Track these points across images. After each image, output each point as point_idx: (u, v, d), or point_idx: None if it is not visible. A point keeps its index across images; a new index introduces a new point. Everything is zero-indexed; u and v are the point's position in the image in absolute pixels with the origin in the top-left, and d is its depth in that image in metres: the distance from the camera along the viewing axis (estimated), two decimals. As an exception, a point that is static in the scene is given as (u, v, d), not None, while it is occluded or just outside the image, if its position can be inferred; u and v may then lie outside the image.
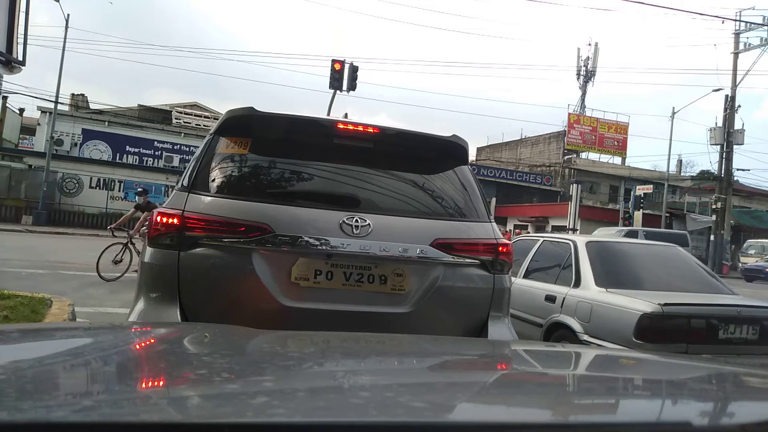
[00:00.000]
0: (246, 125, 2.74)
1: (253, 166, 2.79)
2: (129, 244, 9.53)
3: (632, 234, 19.89)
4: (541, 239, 5.61)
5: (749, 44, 23.74)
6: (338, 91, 17.36)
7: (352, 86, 17.20)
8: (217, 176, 2.67)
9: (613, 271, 4.51)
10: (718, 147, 24.67)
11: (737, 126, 24.65)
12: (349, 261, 2.55)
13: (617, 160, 38.17)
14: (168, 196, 2.90)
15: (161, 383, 1.02)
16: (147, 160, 29.05)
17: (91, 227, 24.71)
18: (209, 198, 2.56)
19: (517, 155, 40.95)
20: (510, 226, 32.97)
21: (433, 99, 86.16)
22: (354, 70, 17.23)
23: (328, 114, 8.41)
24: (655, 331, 3.68)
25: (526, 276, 5.19)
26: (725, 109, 24.44)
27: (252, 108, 2.70)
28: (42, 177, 24.38)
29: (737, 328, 3.84)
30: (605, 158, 38.23)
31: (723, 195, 24.54)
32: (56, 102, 24.71)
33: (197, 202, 2.54)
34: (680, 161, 38.78)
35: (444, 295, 2.66)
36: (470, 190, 2.90)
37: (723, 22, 22.61)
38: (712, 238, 27.70)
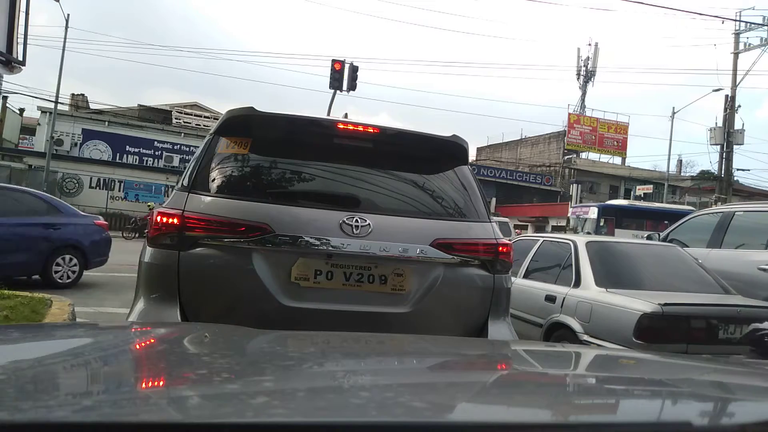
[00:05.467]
0: (246, 125, 2.74)
1: (253, 166, 2.79)
2: None
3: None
4: (541, 239, 5.61)
5: (749, 44, 23.70)
6: (338, 91, 17.36)
7: (352, 86, 17.21)
8: (217, 176, 2.68)
9: (613, 271, 4.51)
10: (718, 147, 24.64)
11: (737, 126, 24.61)
12: (349, 261, 2.55)
13: (617, 160, 38.20)
14: (168, 196, 2.90)
15: (161, 383, 1.02)
16: (147, 160, 29.05)
17: (91, 227, 24.67)
18: (209, 198, 2.56)
19: (517, 155, 40.94)
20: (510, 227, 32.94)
21: (433, 99, 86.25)
22: (354, 70, 17.23)
23: (328, 114, 8.41)
24: (655, 331, 3.68)
25: (526, 276, 5.19)
26: (725, 109, 24.41)
27: (252, 108, 2.70)
28: (42, 177, 24.37)
29: (737, 328, 3.83)
30: (605, 158, 38.25)
31: (723, 195, 24.51)
32: (56, 102, 24.73)
33: (197, 202, 2.54)
34: (680, 161, 38.80)
35: (444, 295, 2.66)
36: (470, 190, 2.90)
37: (723, 22, 22.58)
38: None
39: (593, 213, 22.72)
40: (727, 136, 24.31)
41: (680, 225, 7.05)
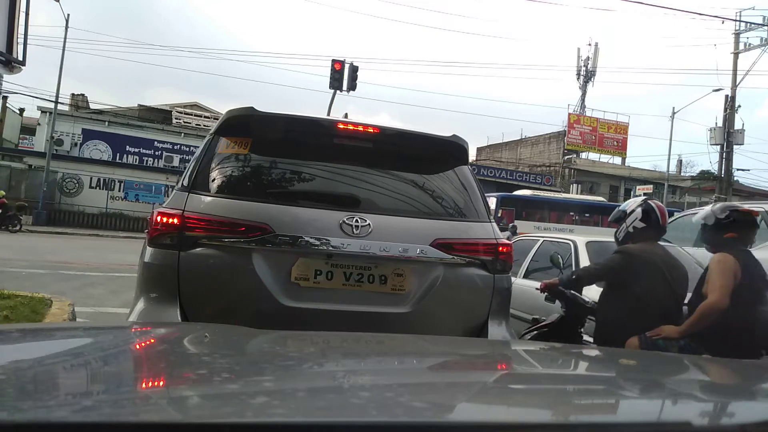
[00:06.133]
0: (246, 125, 2.75)
1: (253, 166, 2.79)
2: None
3: None
4: (541, 239, 5.61)
5: (749, 44, 23.70)
6: (338, 91, 17.37)
7: (352, 86, 17.22)
8: (217, 176, 2.68)
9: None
10: (718, 147, 24.64)
11: (737, 126, 24.60)
12: (349, 261, 2.55)
13: (617, 160, 38.19)
14: (168, 196, 2.91)
15: (161, 383, 1.02)
16: (147, 160, 29.03)
17: (91, 227, 24.73)
18: (209, 198, 2.57)
19: (517, 155, 40.92)
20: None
21: (434, 99, 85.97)
22: (354, 70, 17.24)
23: (328, 114, 8.41)
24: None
25: (526, 276, 5.19)
26: (725, 109, 24.40)
27: (252, 108, 2.70)
28: (42, 177, 24.38)
29: (737, 328, 3.82)
30: (605, 158, 38.25)
31: (723, 195, 24.49)
32: (56, 102, 24.72)
33: (197, 202, 2.54)
34: (680, 161, 38.82)
35: (444, 295, 2.66)
36: (470, 190, 2.90)
37: (723, 22, 22.58)
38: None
39: (491, 203, 21.70)
40: (727, 136, 24.32)
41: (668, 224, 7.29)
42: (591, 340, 4.04)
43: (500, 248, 2.79)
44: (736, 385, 1.37)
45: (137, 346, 1.37)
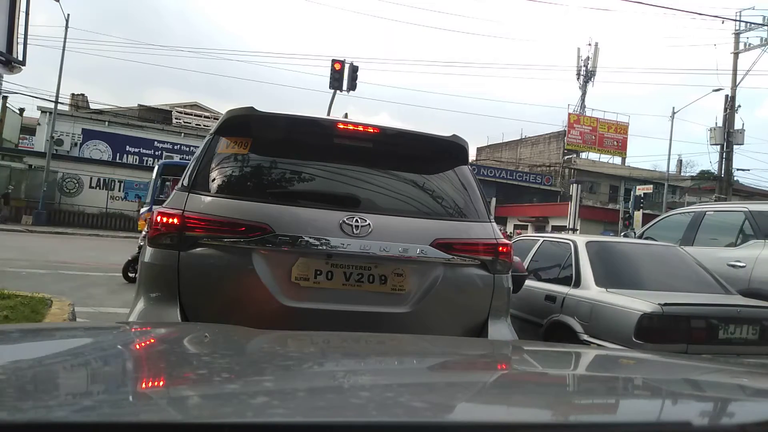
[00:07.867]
0: (246, 125, 2.75)
1: (253, 166, 2.79)
2: None
3: None
4: (541, 239, 5.61)
5: (749, 44, 23.67)
6: (338, 91, 17.36)
7: (352, 86, 17.20)
8: (217, 176, 2.68)
9: (613, 271, 4.51)
10: (718, 147, 24.63)
11: (737, 126, 24.58)
12: (349, 261, 2.55)
13: (617, 160, 38.18)
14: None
15: (161, 383, 1.02)
16: (147, 160, 29.02)
17: (91, 227, 24.75)
18: (209, 198, 2.57)
19: (517, 155, 40.93)
20: (510, 227, 32.94)
21: (434, 99, 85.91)
22: (354, 70, 17.23)
23: (328, 114, 8.41)
24: (655, 331, 3.68)
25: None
26: (725, 109, 24.39)
27: (252, 108, 2.70)
28: (42, 177, 24.39)
29: (737, 328, 3.83)
30: (605, 158, 38.24)
31: (723, 195, 24.46)
32: (56, 102, 24.73)
33: (197, 202, 2.54)
34: (680, 161, 38.83)
35: (444, 295, 2.66)
36: (470, 190, 2.90)
37: (723, 22, 22.57)
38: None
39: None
40: (727, 136, 24.31)
41: (655, 223, 7.47)
42: (592, 340, 4.04)
43: (500, 248, 2.79)
44: (736, 385, 1.37)
45: (137, 346, 1.37)
